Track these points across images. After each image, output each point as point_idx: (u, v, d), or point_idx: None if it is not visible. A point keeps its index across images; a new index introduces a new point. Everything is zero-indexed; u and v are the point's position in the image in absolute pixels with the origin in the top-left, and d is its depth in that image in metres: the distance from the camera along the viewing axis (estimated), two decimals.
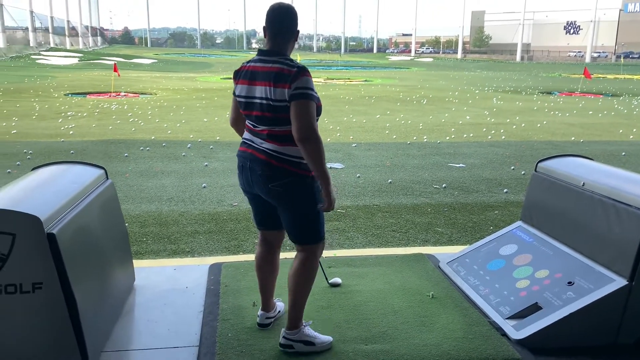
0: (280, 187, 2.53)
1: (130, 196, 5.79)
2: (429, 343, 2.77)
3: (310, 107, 2.43)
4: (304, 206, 2.58)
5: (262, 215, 2.80)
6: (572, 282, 2.96)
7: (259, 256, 2.89)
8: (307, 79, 2.45)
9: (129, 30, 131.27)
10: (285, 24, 2.55)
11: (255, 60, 2.60)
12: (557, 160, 3.70)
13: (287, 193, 2.54)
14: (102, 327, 2.74)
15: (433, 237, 4.66)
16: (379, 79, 29.99)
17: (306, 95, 2.43)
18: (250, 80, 2.56)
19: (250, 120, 2.62)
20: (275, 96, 2.45)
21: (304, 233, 2.63)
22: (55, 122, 11.35)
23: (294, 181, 2.52)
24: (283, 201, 2.57)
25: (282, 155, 2.51)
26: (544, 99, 19.28)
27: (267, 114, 2.50)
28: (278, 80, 2.44)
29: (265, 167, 2.53)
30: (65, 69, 33.76)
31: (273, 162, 2.52)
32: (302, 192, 2.55)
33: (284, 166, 2.51)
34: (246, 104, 2.58)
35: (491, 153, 8.66)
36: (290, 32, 2.57)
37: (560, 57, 78.80)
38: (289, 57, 2.55)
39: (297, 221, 2.61)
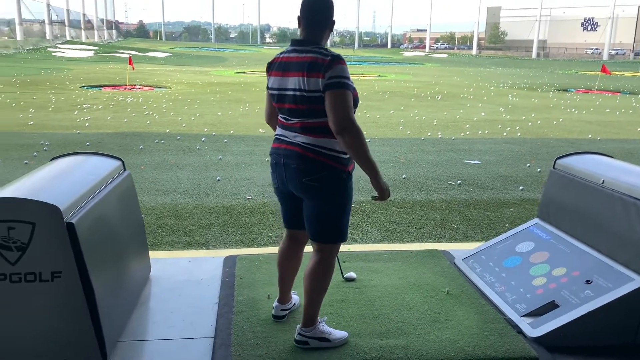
0: (316, 182, 2.44)
1: (145, 188, 5.83)
2: (445, 339, 2.76)
3: (346, 96, 2.34)
4: (334, 203, 2.49)
5: (291, 214, 2.72)
6: (590, 281, 2.93)
7: (284, 250, 2.84)
8: (342, 67, 2.35)
9: (144, 24, 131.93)
10: (321, 13, 2.47)
11: (288, 51, 2.51)
12: (575, 157, 3.66)
13: (321, 188, 2.45)
14: (119, 317, 2.77)
15: (448, 233, 4.64)
16: (393, 75, 29.85)
17: (341, 84, 2.33)
18: (283, 72, 2.47)
19: (283, 114, 2.54)
20: (309, 86, 2.36)
21: (327, 231, 2.55)
22: (71, 114, 11.45)
23: (329, 175, 2.44)
24: (315, 196, 2.48)
25: (317, 148, 2.42)
26: (561, 96, 19.07)
27: (301, 106, 2.41)
28: (311, 70, 2.35)
29: (301, 161, 2.44)
30: (81, 61, 34.02)
31: (309, 154, 2.43)
32: (336, 188, 2.47)
33: (320, 159, 2.42)
34: (279, 96, 2.50)
35: (506, 150, 8.59)
36: (326, 22, 2.49)
37: (577, 54, 77.85)
38: (323, 46, 2.46)
39: (322, 218, 2.52)
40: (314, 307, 2.64)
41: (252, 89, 18.47)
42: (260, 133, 9.73)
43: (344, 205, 2.52)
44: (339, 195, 2.49)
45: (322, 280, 2.61)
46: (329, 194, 2.48)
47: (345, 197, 2.51)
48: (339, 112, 2.32)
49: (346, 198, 2.52)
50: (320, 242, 2.58)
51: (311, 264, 2.61)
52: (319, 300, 2.64)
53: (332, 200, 2.49)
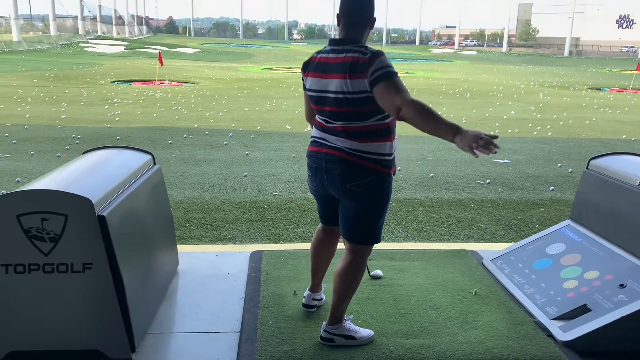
0: (360, 187, 2.39)
1: (174, 182, 5.90)
2: (472, 340, 2.72)
3: (395, 82, 2.23)
4: (374, 206, 2.45)
5: (330, 213, 2.69)
6: (624, 285, 2.85)
7: (319, 240, 2.83)
8: (381, 59, 2.26)
9: (174, 20, 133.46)
10: (361, 10, 2.39)
11: (326, 51, 2.43)
12: (610, 157, 3.56)
13: (365, 193, 2.40)
14: (148, 309, 2.80)
15: (476, 233, 4.57)
16: (421, 72, 29.57)
17: (386, 74, 2.24)
18: (323, 73, 2.40)
19: (323, 116, 2.47)
20: (353, 88, 2.29)
21: (362, 232, 2.51)
22: (102, 109, 11.66)
23: (373, 180, 2.39)
24: (356, 199, 2.43)
25: (361, 152, 2.37)
26: (593, 95, 18.63)
27: (344, 109, 2.35)
28: (354, 71, 2.28)
29: (345, 166, 2.38)
30: (112, 56, 34.62)
31: (353, 159, 2.37)
32: (379, 192, 2.43)
33: (364, 164, 2.37)
34: (318, 98, 2.44)
35: (537, 149, 8.43)
36: (366, 20, 2.41)
37: (612, 52, 75.91)
38: (363, 44, 2.38)
39: (360, 219, 2.48)
40: (342, 306, 2.62)
41: (279, 85, 18.52)
42: (287, 129, 9.75)
43: (382, 208, 2.49)
44: (379, 198, 2.46)
45: (352, 280, 2.59)
46: (370, 197, 2.44)
47: (385, 199, 2.48)
48: (396, 96, 2.20)
49: (386, 200, 2.49)
50: (355, 243, 2.55)
51: (343, 264, 2.58)
52: (347, 300, 2.63)
53: (372, 203, 2.45)
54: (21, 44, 36.65)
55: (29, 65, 23.35)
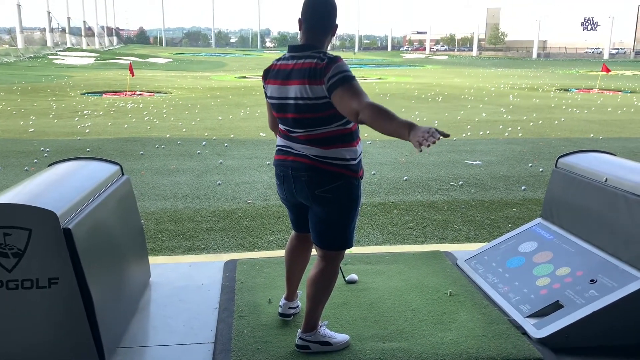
0: (328, 193, 2.36)
1: (145, 193, 5.80)
2: (448, 341, 2.72)
3: (353, 86, 2.20)
4: (343, 210, 2.42)
5: (301, 220, 2.65)
6: (595, 280, 2.89)
7: (292, 247, 2.80)
8: (338, 64, 2.25)
9: (145, 30, 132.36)
10: (323, 16, 2.36)
11: (286, 58, 2.40)
12: (578, 155, 3.62)
13: (334, 198, 2.38)
14: (118, 323, 2.74)
15: (450, 234, 4.60)
16: (393, 77, 29.84)
17: (343, 78, 2.21)
18: (283, 80, 2.37)
19: (286, 124, 2.44)
20: (313, 94, 2.27)
21: (333, 238, 2.48)
22: (71, 121, 11.45)
23: (341, 185, 2.36)
24: (326, 205, 2.41)
25: (327, 159, 2.34)
26: (562, 95, 19.03)
27: (306, 115, 2.32)
28: (313, 77, 2.26)
29: (311, 173, 2.36)
30: (82, 68, 34.10)
31: (319, 165, 2.35)
32: (347, 196, 2.40)
33: (331, 169, 2.34)
34: (279, 106, 2.41)
35: (508, 150, 8.55)
36: (328, 26, 2.38)
37: (578, 54, 77.80)
38: (322, 50, 2.35)
39: (330, 225, 2.45)
40: (316, 312, 2.60)
41: (253, 93, 18.46)
42: (261, 137, 9.72)
43: (352, 213, 2.46)
44: (349, 202, 2.42)
45: (325, 287, 2.56)
46: (340, 202, 2.41)
47: (354, 204, 2.45)
48: (354, 99, 2.16)
49: (355, 205, 2.46)
50: (326, 250, 2.52)
51: (315, 271, 2.56)
52: (321, 306, 2.60)
53: (341, 208, 2.42)
54: None
55: None
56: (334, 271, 2.57)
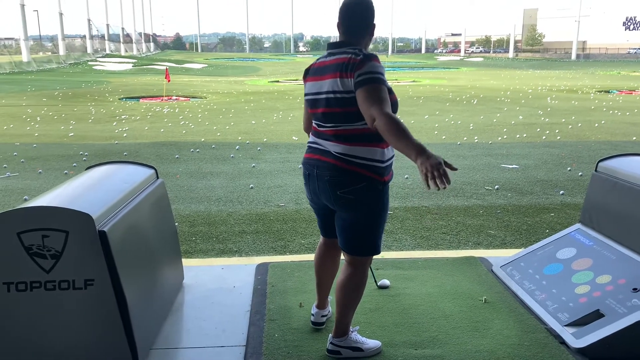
0: (351, 195, 2.31)
1: (180, 196, 5.89)
2: (482, 349, 2.65)
3: (379, 90, 2.16)
4: (369, 215, 2.37)
5: (329, 225, 2.62)
6: (638, 289, 2.77)
7: (321, 256, 2.78)
8: (373, 63, 2.22)
9: (181, 36, 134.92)
10: (359, 17, 2.36)
11: (325, 56, 2.44)
12: (619, 159, 3.50)
13: (357, 201, 2.32)
14: (152, 325, 2.77)
15: (485, 239, 4.51)
16: (427, 80, 29.56)
17: (373, 79, 2.18)
18: (319, 76, 2.40)
19: (317, 119, 2.43)
20: (343, 87, 2.25)
21: (360, 244, 2.44)
22: (109, 125, 11.74)
23: (365, 187, 2.30)
24: (349, 208, 2.37)
25: (351, 157, 2.29)
26: (602, 97, 18.48)
27: (336, 109, 2.30)
28: (345, 70, 2.24)
29: (334, 172, 2.31)
30: (120, 74, 34.97)
31: (343, 165, 2.29)
32: (372, 200, 2.34)
33: (355, 169, 2.28)
34: (313, 101, 2.42)
35: (546, 154, 8.34)
36: (365, 27, 2.37)
37: (619, 55, 75.50)
38: (359, 47, 2.33)
39: (356, 230, 2.41)
40: (346, 318, 2.57)
41: (285, 97, 18.57)
42: (293, 140, 9.75)
43: (379, 218, 2.40)
44: (374, 207, 2.37)
45: (354, 292, 2.53)
46: (364, 206, 2.36)
47: (380, 209, 2.39)
48: (372, 105, 2.12)
49: (382, 210, 2.40)
50: (353, 255, 2.49)
51: (343, 276, 2.53)
52: (351, 312, 2.58)
53: (367, 213, 2.37)
54: (31, 64, 37.17)
55: (39, 85, 23.64)
56: (362, 276, 2.53)
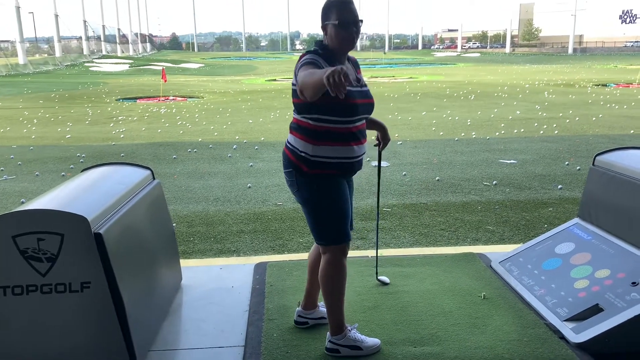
0: (287, 177, 2.55)
1: (178, 197, 5.88)
2: (482, 345, 2.65)
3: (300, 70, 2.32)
4: (309, 204, 2.51)
5: None
6: (637, 283, 2.77)
7: (311, 254, 2.84)
8: (303, 57, 2.39)
9: (177, 36, 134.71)
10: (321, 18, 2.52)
11: None
12: (617, 153, 3.49)
13: (292, 185, 2.54)
14: (150, 326, 2.76)
15: (484, 235, 4.50)
16: (425, 76, 29.53)
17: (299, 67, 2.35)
18: None
19: None
20: (294, 80, 2.43)
21: (320, 232, 2.54)
22: (106, 127, 11.71)
23: (292, 173, 2.50)
24: (296, 195, 2.56)
25: (289, 144, 2.54)
26: (599, 91, 18.47)
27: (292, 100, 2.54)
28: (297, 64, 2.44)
29: (282, 155, 2.60)
30: (117, 75, 34.90)
31: (285, 149, 2.57)
32: (303, 188, 2.50)
33: (289, 155, 2.52)
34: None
35: (544, 148, 8.34)
36: (323, 27, 2.51)
37: (616, 48, 75.51)
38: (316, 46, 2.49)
39: (311, 219, 2.55)
40: (335, 312, 2.58)
41: (283, 96, 18.54)
42: None
43: (320, 208, 2.50)
44: (309, 196, 2.50)
45: (333, 281, 2.55)
46: (298, 192, 2.53)
47: (317, 199, 2.48)
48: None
49: (319, 201, 2.49)
50: (320, 244, 2.58)
51: (320, 266, 2.61)
52: (337, 305, 2.58)
53: (306, 201, 2.52)
54: (27, 66, 37.08)
55: (35, 87, 23.57)
56: (338, 265, 2.55)
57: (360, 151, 2.52)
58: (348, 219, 2.56)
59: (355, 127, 2.47)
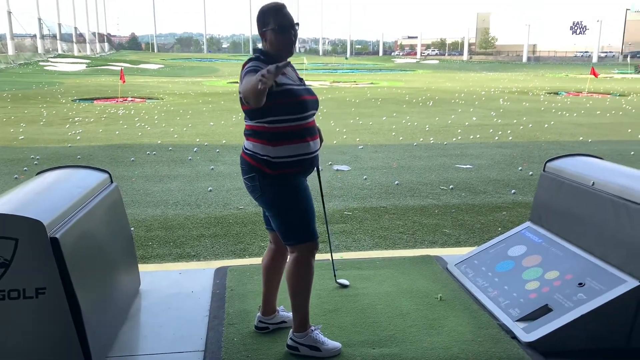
0: (248, 182, 2.56)
1: (136, 200, 5.78)
2: (438, 346, 2.73)
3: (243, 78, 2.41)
4: (275, 206, 2.54)
5: (265, 214, 2.80)
6: (583, 284, 2.91)
7: (265, 258, 2.87)
8: (247, 64, 2.46)
9: (136, 36, 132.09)
10: (257, 26, 2.58)
11: None
12: (566, 159, 3.65)
13: (254, 189, 2.56)
14: (107, 332, 2.72)
15: (441, 238, 4.62)
16: (385, 82, 29.94)
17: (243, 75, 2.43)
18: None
19: None
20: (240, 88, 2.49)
21: (286, 234, 2.58)
22: (62, 128, 11.40)
23: (256, 177, 2.52)
24: (256, 196, 2.58)
25: (248, 150, 2.56)
26: (551, 99, 19.16)
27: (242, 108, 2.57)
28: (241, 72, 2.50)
29: (240, 161, 2.62)
30: (73, 75, 33.97)
31: (243, 155, 2.60)
32: (267, 190, 2.52)
33: (249, 160, 2.54)
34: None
35: (498, 154, 8.60)
36: (260, 33, 2.58)
37: (567, 58, 78.41)
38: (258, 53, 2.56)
39: (275, 220, 2.58)
40: (300, 310, 2.62)
41: None
42: None
43: (287, 208, 2.54)
44: (275, 197, 2.52)
45: (300, 280, 2.59)
46: (263, 196, 2.55)
47: (284, 199, 2.52)
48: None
49: (286, 200, 2.53)
50: (287, 244, 2.61)
51: (287, 265, 2.64)
52: (303, 303, 2.62)
53: (273, 203, 2.54)
54: None
55: None
56: (305, 262, 2.59)
57: (316, 146, 2.61)
58: (315, 217, 2.62)
59: (307, 123, 2.56)
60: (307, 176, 2.66)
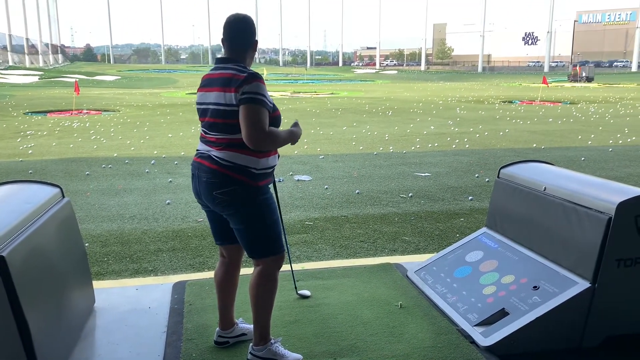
0: (225, 196, 2.46)
1: (91, 215, 5.62)
2: (398, 354, 2.74)
3: (259, 112, 2.38)
4: (251, 218, 2.50)
5: (217, 229, 2.74)
6: (537, 287, 2.98)
7: (217, 272, 2.83)
8: (257, 84, 2.41)
9: (91, 47, 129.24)
10: (241, 34, 2.54)
11: (213, 69, 2.60)
12: (518, 166, 3.75)
13: (231, 202, 2.47)
14: (59, 353, 2.62)
15: (401, 246, 4.66)
16: (345, 92, 30.21)
17: (255, 100, 2.39)
18: (207, 87, 2.56)
19: (204, 127, 2.60)
20: (225, 100, 2.43)
21: (256, 247, 2.55)
22: (13, 142, 11.01)
23: (237, 190, 2.45)
24: (229, 212, 2.51)
25: (226, 162, 2.46)
26: (506, 107, 19.72)
27: (218, 120, 2.47)
28: (228, 85, 2.43)
29: (210, 174, 2.48)
30: (25, 87, 32.92)
31: (218, 168, 2.46)
32: (247, 202, 2.48)
33: (227, 172, 2.45)
34: (201, 111, 2.59)
35: (456, 162, 8.77)
36: (247, 43, 2.56)
37: (520, 67, 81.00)
38: (242, 64, 2.53)
39: (247, 234, 2.54)
40: (262, 323, 2.59)
41: None
42: None
43: (262, 220, 2.52)
44: (253, 209, 2.50)
45: (264, 292, 2.57)
46: (241, 208, 2.49)
47: (260, 211, 2.51)
48: (251, 127, 2.37)
49: (262, 212, 2.51)
50: (254, 258, 2.59)
51: (252, 277, 2.61)
52: (265, 316, 2.59)
53: (248, 215, 2.50)
54: None
55: None
56: (270, 275, 2.58)
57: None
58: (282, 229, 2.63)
59: None
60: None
